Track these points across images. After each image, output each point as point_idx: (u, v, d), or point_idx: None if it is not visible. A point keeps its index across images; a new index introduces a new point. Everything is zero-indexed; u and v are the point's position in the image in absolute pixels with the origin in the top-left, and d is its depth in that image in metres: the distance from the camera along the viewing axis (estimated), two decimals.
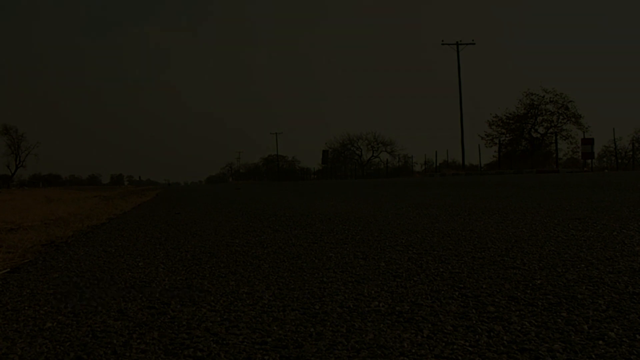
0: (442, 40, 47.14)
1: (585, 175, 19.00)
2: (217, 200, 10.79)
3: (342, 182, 28.41)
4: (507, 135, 46.82)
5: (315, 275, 2.38)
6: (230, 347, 1.48)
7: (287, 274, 2.44)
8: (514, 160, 43.82)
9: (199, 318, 1.77)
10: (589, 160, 36.78)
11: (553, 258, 2.54)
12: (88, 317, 1.84)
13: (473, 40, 48.48)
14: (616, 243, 2.89)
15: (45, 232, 4.72)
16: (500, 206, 5.84)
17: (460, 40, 46.50)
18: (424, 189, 11.97)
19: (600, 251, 2.67)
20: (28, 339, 1.63)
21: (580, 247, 2.80)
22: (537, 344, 1.40)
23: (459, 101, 46.22)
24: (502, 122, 46.76)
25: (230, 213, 6.68)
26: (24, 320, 1.84)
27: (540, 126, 46.11)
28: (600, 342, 1.41)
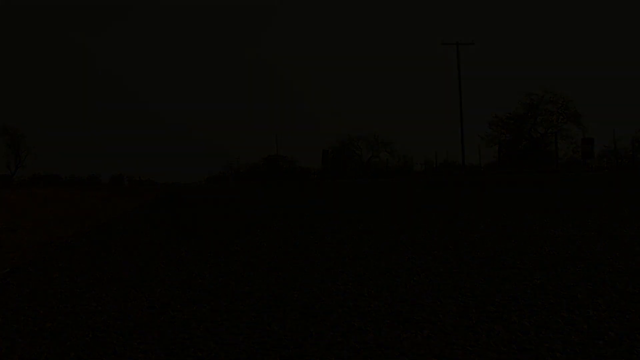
0: (442, 40, 47.18)
1: (585, 175, 19.00)
2: (217, 200, 10.79)
3: (342, 183, 28.42)
4: (507, 135, 46.86)
5: (315, 275, 2.38)
6: (230, 347, 1.48)
7: (288, 273, 2.44)
8: (514, 160, 43.84)
9: (199, 318, 1.77)
10: (589, 160, 36.82)
11: (553, 258, 2.54)
12: (88, 317, 1.84)
13: (473, 41, 48.46)
14: (616, 243, 2.89)
15: (45, 232, 4.72)
16: (500, 206, 5.84)
17: (461, 40, 46.52)
18: (423, 189, 11.97)
19: (600, 251, 2.67)
20: (28, 339, 1.63)
21: (580, 247, 2.80)
22: (537, 344, 1.40)
23: (459, 101, 46.22)
24: (502, 122, 46.80)
25: (230, 213, 6.68)
26: (24, 320, 1.84)
27: (540, 126, 46.17)
28: (600, 342, 1.40)
